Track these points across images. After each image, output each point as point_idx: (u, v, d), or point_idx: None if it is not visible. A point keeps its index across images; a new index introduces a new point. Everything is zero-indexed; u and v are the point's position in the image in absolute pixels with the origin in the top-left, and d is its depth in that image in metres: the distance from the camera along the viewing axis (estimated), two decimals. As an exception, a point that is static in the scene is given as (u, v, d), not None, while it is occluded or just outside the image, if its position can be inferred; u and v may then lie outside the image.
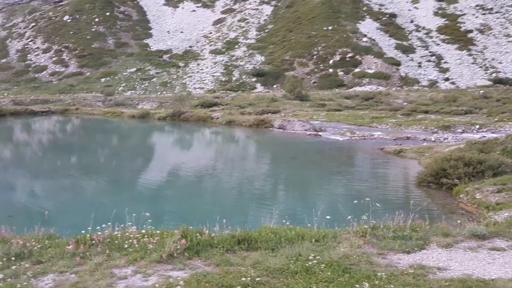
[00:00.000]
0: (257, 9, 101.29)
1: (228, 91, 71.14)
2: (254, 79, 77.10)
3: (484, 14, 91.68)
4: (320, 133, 34.95)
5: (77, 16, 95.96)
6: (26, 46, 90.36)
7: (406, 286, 6.14)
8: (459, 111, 46.09)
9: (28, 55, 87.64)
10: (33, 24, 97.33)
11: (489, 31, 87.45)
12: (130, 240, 7.74)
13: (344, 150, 28.57)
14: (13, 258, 7.09)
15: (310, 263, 6.82)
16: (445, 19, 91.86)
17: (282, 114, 47.15)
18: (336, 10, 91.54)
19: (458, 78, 76.55)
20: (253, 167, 24.31)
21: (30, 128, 45.87)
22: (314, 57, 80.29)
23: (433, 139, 30.85)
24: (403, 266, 6.89)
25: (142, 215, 8.68)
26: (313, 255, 7.12)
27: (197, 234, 7.87)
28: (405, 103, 54.62)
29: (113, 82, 77.09)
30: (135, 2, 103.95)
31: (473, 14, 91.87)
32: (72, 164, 25.61)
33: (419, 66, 79.52)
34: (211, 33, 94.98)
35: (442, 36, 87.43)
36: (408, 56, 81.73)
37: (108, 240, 7.85)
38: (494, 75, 76.32)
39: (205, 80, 78.03)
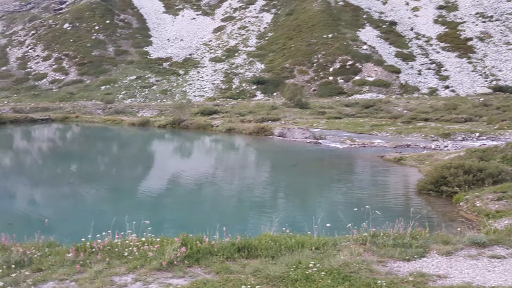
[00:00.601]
0: (257, 17, 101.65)
1: (228, 99, 71.32)
2: (254, 87, 77.26)
3: (484, 22, 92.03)
4: (320, 141, 34.95)
5: (77, 24, 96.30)
6: (26, 54, 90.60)
7: (406, 294, 6.14)
8: (459, 118, 46.14)
9: (28, 63, 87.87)
10: (33, 31, 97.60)
11: (489, 38, 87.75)
12: (130, 248, 7.73)
13: (344, 158, 28.55)
14: (13, 266, 7.08)
15: (310, 270, 6.81)
16: (445, 26, 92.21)
17: (282, 122, 47.20)
18: (336, 18, 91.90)
19: (458, 85, 76.72)
20: (253, 175, 24.30)
21: (30, 136, 45.89)
22: (314, 64, 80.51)
23: (433, 147, 30.86)
24: (403, 274, 6.89)
25: (142, 222, 8.68)
26: (313, 262, 7.11)
27: (197, 242, 7.87)
28: (405, 111, 54.70)
29: (113, 90, 77.27)
30: (135, 10, 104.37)
31: (473, 22, 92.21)
32: (72, 171, 25.60)
33: (419, 74, 79.71)
34: (211, 40, 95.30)
35: (442, 44, 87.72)
36: (408, 64, 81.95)
37: (108, 247, 7.85)
38: (494, 83, 76.51)
39: (205, 88, 78.20)
